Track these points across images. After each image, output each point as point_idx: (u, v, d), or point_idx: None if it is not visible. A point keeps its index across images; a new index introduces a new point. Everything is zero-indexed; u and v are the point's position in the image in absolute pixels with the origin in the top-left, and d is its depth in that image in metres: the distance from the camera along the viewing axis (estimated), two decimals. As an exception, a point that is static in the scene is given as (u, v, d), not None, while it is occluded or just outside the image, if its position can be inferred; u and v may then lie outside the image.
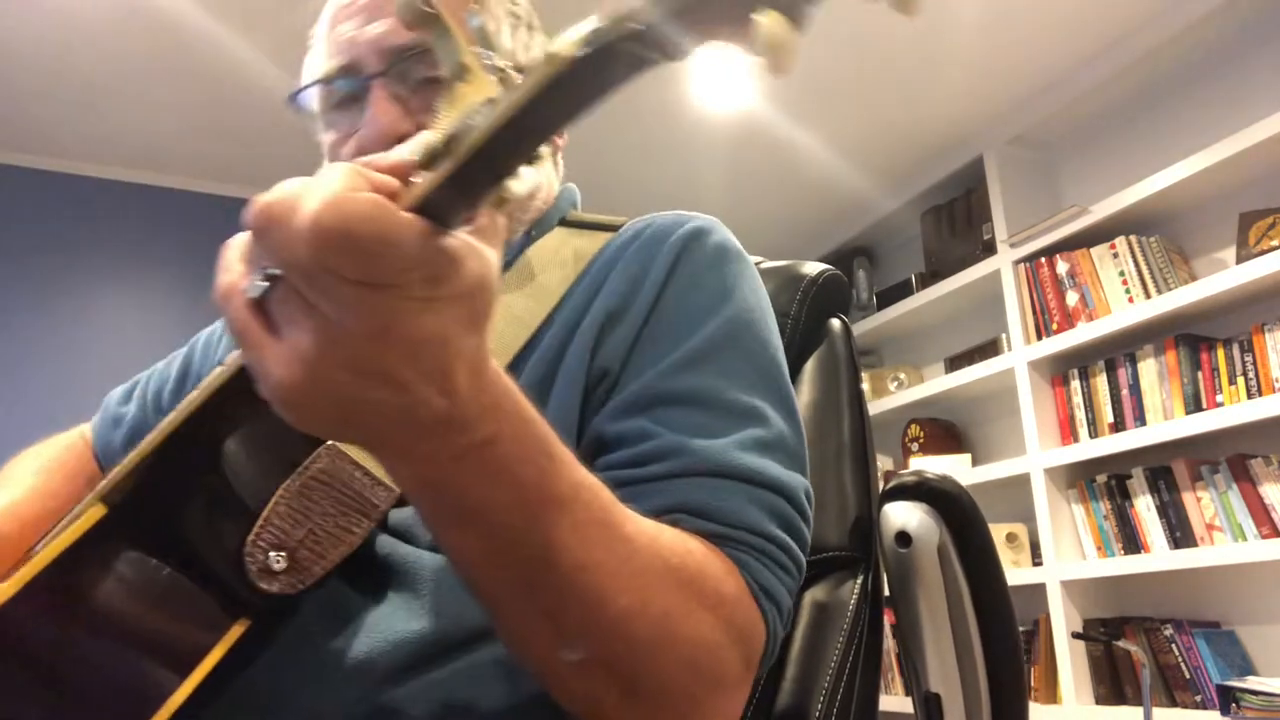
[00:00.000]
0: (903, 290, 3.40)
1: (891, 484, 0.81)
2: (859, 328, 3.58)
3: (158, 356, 0.97)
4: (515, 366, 0.66)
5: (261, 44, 2.53)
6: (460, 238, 0.37)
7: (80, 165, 3.03)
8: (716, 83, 2.80)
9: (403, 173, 0.37)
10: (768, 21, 0.29)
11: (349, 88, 0.72)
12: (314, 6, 0.77)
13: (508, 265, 0.71)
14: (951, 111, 3.01)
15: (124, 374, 0.98)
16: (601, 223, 0.77)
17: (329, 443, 0.57)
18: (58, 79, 2.62)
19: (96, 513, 0.51)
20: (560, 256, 0.72)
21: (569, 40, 0.32)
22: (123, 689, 0.49)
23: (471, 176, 0.35)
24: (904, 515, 0.78)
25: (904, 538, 0.77)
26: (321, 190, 0.35)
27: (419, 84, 0.70)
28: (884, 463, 3.49)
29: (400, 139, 0.68)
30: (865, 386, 3.50)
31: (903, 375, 3.45)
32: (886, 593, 0.84)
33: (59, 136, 2.89)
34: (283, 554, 0.54)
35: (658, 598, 0.51)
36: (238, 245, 0.41)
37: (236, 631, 0.52)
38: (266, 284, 0.38)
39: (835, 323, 0.92)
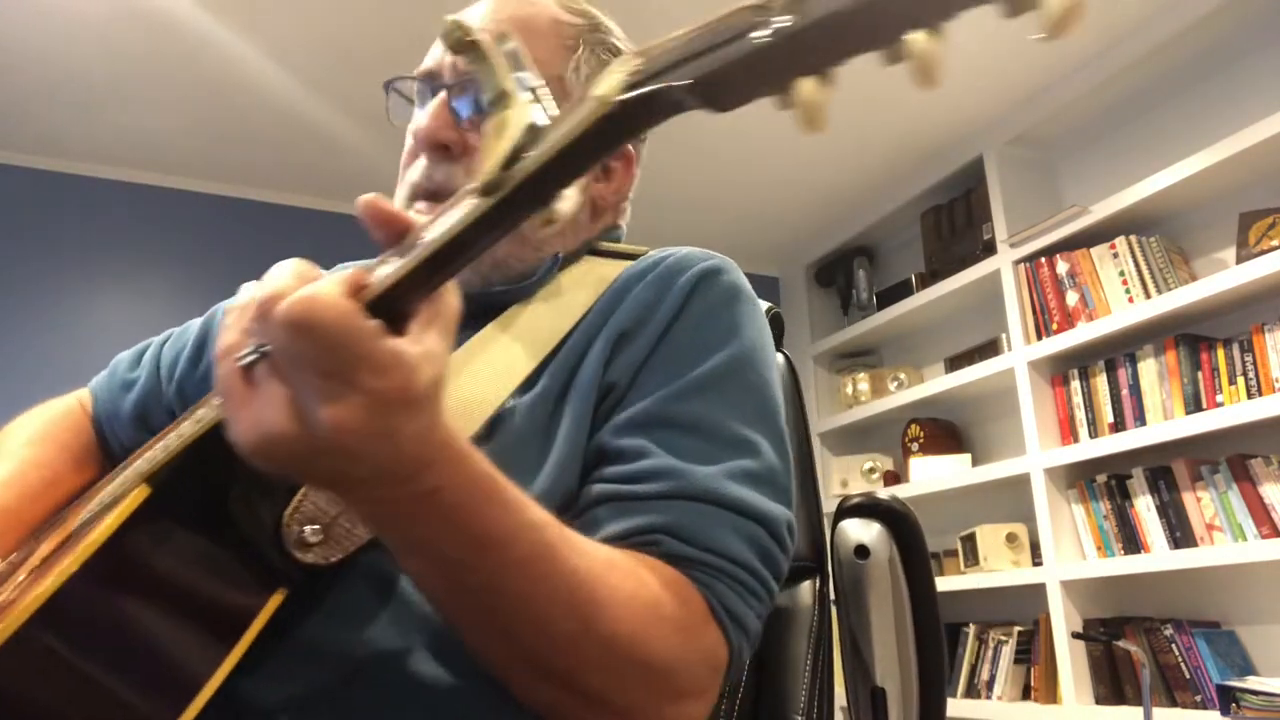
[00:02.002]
0: (903, 290, 3.40)
1: (850, 504, 0.91)
2: (859, 328, 3.59)
3: (157, 356, 0.97)
4: (537, 375, 0.72)
5: (261, 44, 2.53)
6: (404, 341, 0.43)
7: (80, 165, 3.03)
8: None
9: (401, 227, 0.44)
10: (809, 86, 0.33)
11: (424, 90, 0.81)
12: (314, 9, 0.79)
13: (540, 284, 0.79)
14: (951, 111, 3.01)
15: (123, 374, 0.98)
16: (625, 252, 0.84)
17: None
18: (58, 79, 2.62)
19: (141, 493, 0.55)
20: (587, 280, 0.79)
21: (613, 85, 0.37)
22: (176, 655, 0.54)
23: (519, 204, 0.41)
24: (861, 531, 0.89)
25: (863, 550, 0.88)
26: (305, 288, 0.42)
27: (479, 104, 0.78)
28: (884, 463, 3.50)
29: (441, 145, 0.78)
30: (865, 386, 3.51)
31: (903, 375, 3.45)
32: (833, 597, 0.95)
33: (59, 136, 2.89)
34: (318, 528, 0.59)
35: (603, 623, 0.55)
36: (238, 310, 0.47)
37: (276, 600, 0.57)
38: (256, 356, 0.44)
39: (779, 356, 1.02)
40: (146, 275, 3.08)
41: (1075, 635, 2.53)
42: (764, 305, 1.01)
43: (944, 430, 3.33)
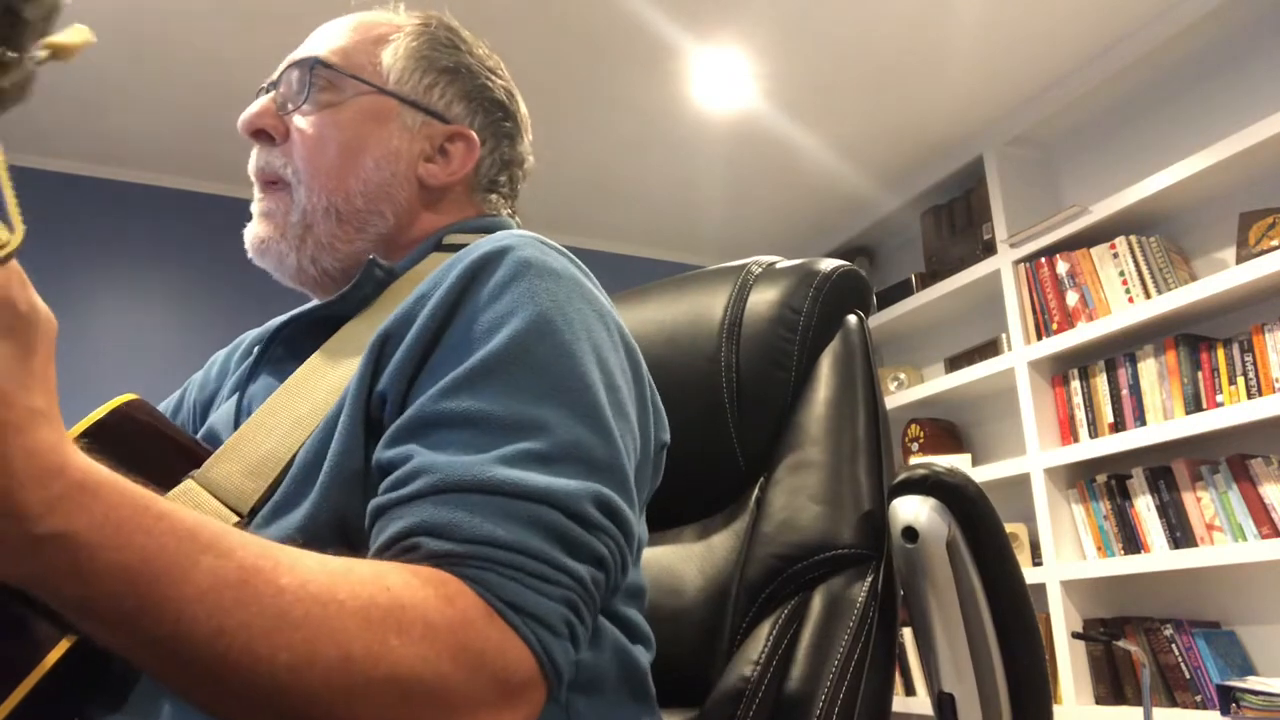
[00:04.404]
0: (903, 290, 3.40)
1: (900, 478, 0.78)
2: (859, 328, 3.58)
3: (156, 356, 0.97)
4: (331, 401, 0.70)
5: (262, 44, 2.53)
6: None
7: (81, 165, 3.03)
8: (716, 83, 2.80)
9: None
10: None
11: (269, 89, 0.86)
12: (314, 8, 0.80)
13: (378, 291, 0.77)
14: (951, 111, 3.01)
15: (123, 374, 0.99)
16: (462, 244, 0.77)
17: None
18: (59, 79, 2.62)
19: None
20: (416, 282, 0.75)
21: None
22: None
23: None
24: (911, 510, 0.75)
25: (910, 533, 0.74)
26: None
27: (303, 95, 0.82)
28: (884, 463, 3.49)
29: (257, 131, 0.83)
30: (865, 386, 3.50)
31: (903, 375, 3.45)
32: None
33: (59, 136, 2.89)
34: None
35: (330, 646, 0.48)
36: None
37: (63, 646, 0.58)
38: None
39: (851, 318, 0.92)
40: (146, 275, 3.07)
41: (1075, 635, 2.53)
42: (837, 263, 0.93)
43: (944, 430, 3.33)
